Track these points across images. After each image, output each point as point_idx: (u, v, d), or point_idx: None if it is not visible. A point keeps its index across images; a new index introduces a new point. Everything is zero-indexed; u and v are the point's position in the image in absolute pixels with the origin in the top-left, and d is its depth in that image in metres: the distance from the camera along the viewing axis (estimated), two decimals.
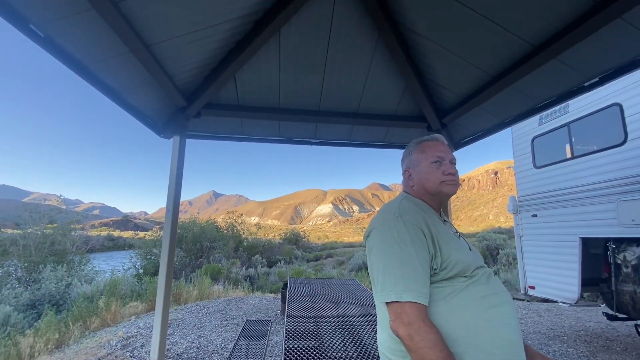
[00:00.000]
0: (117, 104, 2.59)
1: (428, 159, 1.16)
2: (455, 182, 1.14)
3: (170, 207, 2.91)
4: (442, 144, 1.22)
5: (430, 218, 1.06)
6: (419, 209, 1.08)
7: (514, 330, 0.95)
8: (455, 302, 0.94)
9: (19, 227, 11.67)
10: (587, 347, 3.36)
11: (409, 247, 0.95)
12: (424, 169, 1.16)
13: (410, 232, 0.98)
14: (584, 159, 3.29)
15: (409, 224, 1.00)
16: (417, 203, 1.14)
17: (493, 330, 0.91)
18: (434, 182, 1.13)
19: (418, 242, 0.97)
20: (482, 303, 0.94)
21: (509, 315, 0.96)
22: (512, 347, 0.91)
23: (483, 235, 14.94)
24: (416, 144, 1.24)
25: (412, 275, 0.91)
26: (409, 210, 1.05)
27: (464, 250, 1.05)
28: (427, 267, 0.95)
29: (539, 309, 5.03)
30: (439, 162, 1.15)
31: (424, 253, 0.96)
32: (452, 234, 1.11)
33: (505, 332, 0.92)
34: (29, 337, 3.34)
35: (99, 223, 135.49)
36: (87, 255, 12.33)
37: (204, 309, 4.82)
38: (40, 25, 1.73)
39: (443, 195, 1.15)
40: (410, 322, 0.86)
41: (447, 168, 1.14)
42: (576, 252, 3.21)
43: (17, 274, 9.48)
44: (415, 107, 3.25)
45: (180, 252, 13.58)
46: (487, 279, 1.01)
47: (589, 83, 2.07)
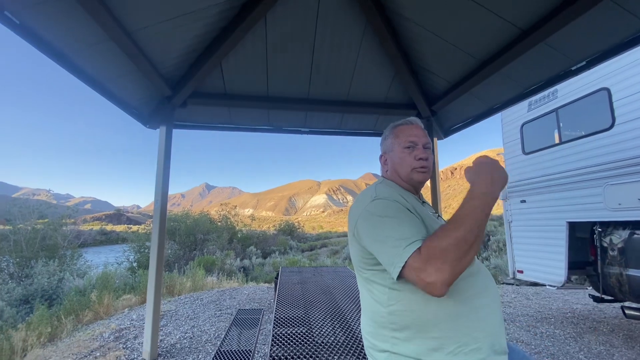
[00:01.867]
0: (100, 93, 2.51)
1: (401, 143, 1.14)
2: (426, 169, 1.12)
3: (158, 198, 2.88)
4: (417, 127, 1.18)
5: (407, 197, 1.05)
6: (394, 191, 1.07)
7: (496, 315, 0.93)
8: None
9: (9, 222, 11.48)
10: (574, 328, 3.45)
11: (397, 213, 0.95)
12: (397, 154, 1.14)
13: (393, 205, 0.97)
14: (571, 144, 3.32)
15: (388, 200, 0.99)
16: (392, 185, 1.13)
17: (474, 314, 0.89)
18: (406, 169, 1.11)
19: (403, 209, 0.96)
20: (464, 286, 0.91)
21: (491, 299, 0.94)
22: (494, 332, 0.90)
23: None
24: (391, 128, 1.22)
25: (408, 230, 0.89)
26: (384, 191, 1.04)
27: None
28: (420, 223, 0.94)
29: (527, 293, 5.14)
30: (411, 146, 1.12)
31: (414, 217, 0.95)
32: (432, 214, 1.11)
33: (487, 317, 0.90)
34: (21, 331, 3.32)
35: (91, 217, 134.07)
36: (79, 249, 12.21)
37: (198, 300, 4.83)
38: (15, 11, 1.65)
39: (414, 183, 1.13)
40: (427, 259, 0.80)
41: (419, 152, 1.11)
42: (563, 236, 3.27)
43: (10, 270, 9.37)
44: (405, 95, 3.22)
45: (174, 245, 13.52)
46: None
47: (576, 67, 2.06)
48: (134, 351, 2.89)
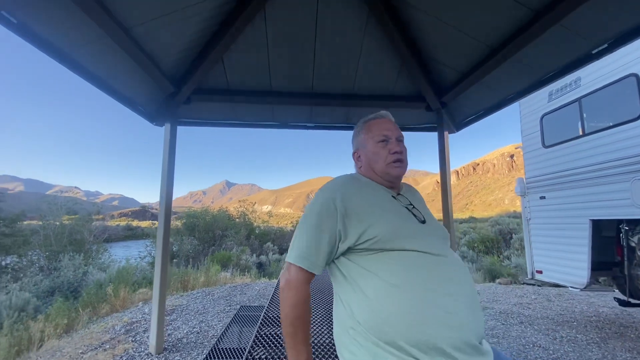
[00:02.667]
0: (104, 91, 2.54)
1: (374, 137, 1.14)
2: (401, 162, 1.11)
3: (163, 194, 2.90)
4: (389, 121, 1.18)
5: (362, 194, 1.05)
6: (348, 189, 1.06)
7: (462, 310, 0.87)
8: (386, 277, 0.91)
9: (43, 218, 12.07)
10: (598, 333, 3.23)
11: (315, 222, 1.01)
12: (370, 149, 1.14)
13: (323, 208, 1.01)
14: (595, 136, 3.07)
15: (325, 199, 1.03)
16: (357, 179, 1.13)
17: (432, 309, 0.85)
18: (381, 164, 1.11)
19: (326, 217, 1.00)
20: (420, 279, 0.90)
21: (456, 292, 0.89)
22: (456, 329, 0.84)
23: (496, 220, 14.60)
24: (363, 123, 1.21)
25: (306, 246, 0.99)
26: (334, 186, 1.07)
27: (398, 217, 1.02)
28: (324, 240, 0.99)
29: (549, 294, 4.88)
30: (385, 140, 1.12)
31: (329, 228, 0.99)
32: (406, 207, 1.08)
33: (448, 312, 0.86)
34: (39, 322, 3.46)
35: (118, 213, 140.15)
36: (104, 244, 12.73)
37: (209, 295, 4.89)
38: (12, 11, 1.67)
39: (390, 177, 1.12)
40: (290, 280, 0.98)
41: (393, 146, 1.11)
42: (586, 235, 3.04)
43: (40, 263, 9.89)
44: (413, 86, 3.09)
45: (194, 241, 13.86)
46: (433, 248, 0.97)
47: (597, 50, 1.88)
48: (142, 344, 2.95)
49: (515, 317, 3.81)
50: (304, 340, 0.98)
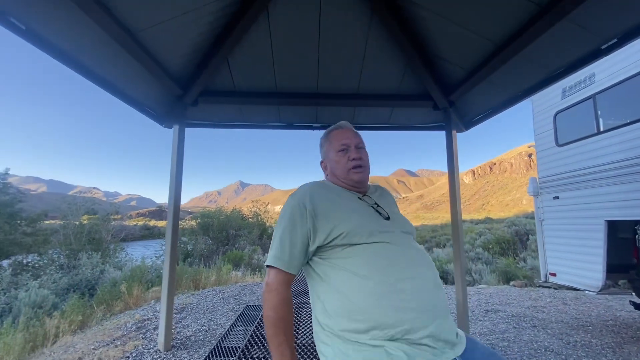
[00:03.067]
0: (115, 95, 2.62)
1: (335, 147, 1.24)
2: (361, 168, 1.20)
3: (172, 195, 2.96)
4: (348, 130, 1.28)
5: (328, 196, 1.13)
6: (315, 192, 1.13)
7: (427, 301, 0.95)
8: (355, 270, 0.99)
9: (64, 218, 12.47)
10: (614, 338, 3.10)
11: (287, 224, 1.07)
12: (332, 158, 1.24)
13: (294, 211, 1.08)
14: (611, 134, 2.95)
15: (295, 202, 1.10)
16: (324, 184, 1.22)
17: (398, 299, 0.92)
18: (342, 170, 1.20)
19: (297, 218, 1.07)
20: (386, 272, 0.97)
21: (419, 285, 0.97)
22: (423, 318, 0.91)
23: (512, 221, 14.25)
24: (325, 135, 1.33)
25: (280, 247, 1.05)
26: (303, 191, 1.14)
27: (364, 216, 1.09)
28: (297, 241, 1.05)
29: (566, 297, 4.72)
30: (344, 149, 1.22)
31: (300, 228, 1.06)
32: (371, 207, 1.15)
33: (413, 302, 0.93)
34: (55, 319, 3.59)
35: (136, 213, 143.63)
36: (121, 243, 13.10)
37: (219, 294, 4.96)
38: (20, 17, 1.75)
39: (353, 182, 1.21)
40: (269, 282, 1.03)
41: (352, 154, 1.20)
42: (601, 236, 2.93)
43: (60, 261, 10.25)
44: (419, 85, 3.05)
45: (208, 240, 14.08)
46: (397, 242, 1.05)
47: (606, 45, 1.82)
48: (152, 341, 3.01)
49: (528, 321, 3.71)
50: (286, 342, 1.01)
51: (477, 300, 4.71)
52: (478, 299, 4.79)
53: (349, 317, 0.94)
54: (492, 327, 3.51)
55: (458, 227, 3.02)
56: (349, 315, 0.94)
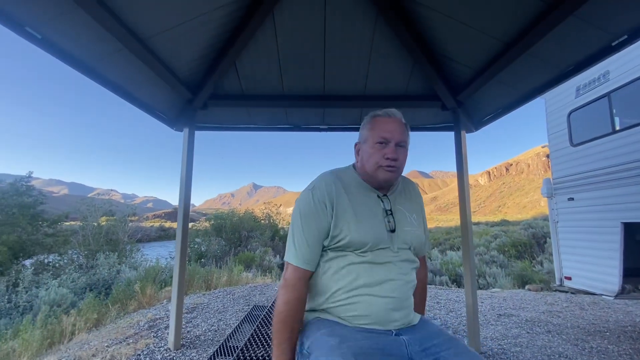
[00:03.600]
0: (126, 100, 2.70)
1: (374, 137, 1.12)
2: (394, 169, 1.10)
3: (182, 197, 3.02)
4: (394, 121, 1.14)
5: (347, 193, 1.12)
6: (335, 186, 1.12)
7: (392, 292, 1.05)
8: (338, 269, 1.07)
9: (83, 219, 12.86)
10: (632, 344, 2.98)
11: (308, 219, 1.08)
12: (368, 148, 1.13)
13: (315, 206, 1.08)
14: (628, 133, 2.85)
15: (316, 197, 1.09)
16: (345, 178, 1.17)
17: (360, 297, 1.03)
18: (372, 166, 1.11)
19: (320, 216, 1.08)
20: (366, 270, 1.05)
21: (384, 285, 1.05)
22: (379, 315, 1.03)
23: (528, 223, 13.89)
24: (370, 117, 1.20)
25: (300, 243, 1.07)
26: (322, 184, 1.12)
27: (370, 227, 1.08)
28: (318, 238, 1.08)
29: (583, 302, 4.56)
30: (383, 142, 1.10)
31: (321, 224, 1.08)
32: (379, 211, 1.12)
33: (373, 304, 1.03)
34: (71, 317, 3.71)
35: (152, 215, 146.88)
36: (138, 244, 13.42)
37: (230, 295, 5.02)
38: (35, 26, 1.83)
39: (379, 180, 1.12)
40: (286, 278, 1.06)
41: (389, 152, 1.08)
42: (617, 239, 2.83)
43: (79, 261, 10.58)
44: (427, 85, 3.03)
45: (221, 241, 14.29)
46: (383, 257, 1.08)
47: (616, 42, 1.76)
48: (162, 340, 3.08)
49: (542, 326, 3.61)
50: (290, 340, 1.02)
51: (489, 304, 4.61)
52: (491, 302, 4.69)
53: (317, 298, 1.11)
54: (505, 332, 3.43)
55: (467, 230, 2.97)
56: (323, 293, 1.10)
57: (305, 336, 1.04)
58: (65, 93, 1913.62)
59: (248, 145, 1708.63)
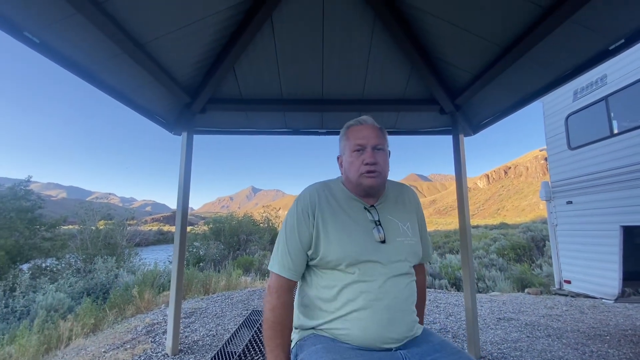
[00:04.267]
0: (125, 104, 2.71)
1: (350, 146, 1.14)
2: (375, 173, 1.09)
3: (180, 201, 3.02)
4: (367, 127, 1.15)
5: (332, 205, 1.12)
6: (319, 197, 1.13)
7: (384, 311, 1.02)
8: (317, 291, 1.09)
9: (81, 223, 12.81)
10: (633, 348, 2.97)
11: (291, 229, 1.10)
12: (347, 157, 1.15)
13: (299, 218, 1.10)
14: (625, 136, 2.86)
15: (300, 209, 1.12)
16: (332, 190, 1.17)
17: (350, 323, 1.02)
18: (354, 174, 1.11)
19: (302, 227, 1.09)
20: (353, 288, 1.03)
21: (379, 300, 1.02)
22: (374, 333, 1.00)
23: (527, 226, 13.91)
24: (345, 129, 1.22)
25: (283, 253, 1.09)
26: (307, 194, 1.14)
27: (352, 240, 1.06)
28: (300, 249, 1.09)
29: (583, 306, 4.55)
30: (359, 149, 1.12)
31: (303, 235, 1.09)
32: (367, 222, 1.11)
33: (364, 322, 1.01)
34: (68, 322, 3.68)
35: (151, 219, 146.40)
36: (136, 248, 13.37)
37: (228, 299, 4.99)
38: (34, 31, 1.83)
39: (364, 187, 1.12)
40: (270, 286, 1.08)
41: (367, 157, 1.09)
42: (616, 242, 2.83)
43: (77, 265, 10.51)
44: (425, 89, 3.04)
45: (220, 245, 14.23)
46: (374, 271, 1.05)
47: (613, 46, 1.77)
48: (160, 345, 3.06)
49: (542, 330, 3.59)
50: (282, 345, 1.02)
51: (489, 308, 4.60)
52: (490, 306, 4.67)
53: (304, 312, 1.14)
54: (504, 336, 3.41)
55: (466, 233, 2.97)
56: (303, 313, 1.13)
57: (301, 350, 1.04)
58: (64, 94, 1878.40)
59: (247, 148, 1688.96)
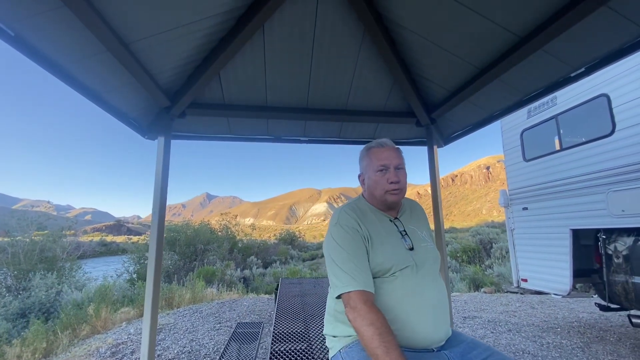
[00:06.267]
0: (98, 105, 2.50)
1: (374, 167, 1.26)
2: (398, 191, 1.22)
3: (156, 209, 2.83)
4: (389, 149, 1.29)
5: (367, 219, 1.21)
6: (356, 214, 1.21)
7: (429, 311, 1.11)
8: (381, 292, 1.12)
9: (8, 234, 11.39)
10: (581, 338, 3.37)
11: (349, 246, 1.11)
12: (371, 176, 1.26)
13: (349, 233, 1.14)
14: (572, 151, 3.30)
15: (346, 227, 1.16)
16: (360, 207, 1.26)
17: (408, 314, 1.08)
18: (380, 191, 1.23)
19: (356, 239, 1.13)
20: (399, 294, 1.10)
21: (423, 301, 1.11)
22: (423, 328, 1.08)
23: (476, 230, 15.06)
24: (366, 150, 1.34)
25: (354, 268, 1.07)
26: (345, 217, 1.20)
27: (392, 249, 1.16)
28: (365, 259, 1.12)
29: (532, 302, 5.06)
30: (383, 170, 1.23)
31: (362, 248, 1.12)
32: (395, 232, 1.22)
33: (417, 314, 1.09)
34: (16, 347, 3.25)
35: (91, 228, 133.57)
36: (79, 261, 12.12)
37: (197, 313, 4.75)
38: (9, 23, 1.65)
39: (389, 203, 1.25)
40: (355, 307, 1.02)
41: (391, 176, 1.22)
42: (567, 243, 3.22)
43: (7, 283, 9.27)
44: (404, 103, 3.22)
45: (174, 256, 13.42)
46: (412, 275, 1.15)
47: (575, 73, 2.06)
48: None
49: (503, 325, 3.92)
50: (399, 357, 0.92)
51: (454, 307, 4.91)
52: (455, 306, 4.99)
53: None
54: (472, 333, 3.67)
55: (441, 237, 3.17)
56: None
57: (349, 357, 1.06)
58: None
59: (201, 152, 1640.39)
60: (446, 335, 1.15)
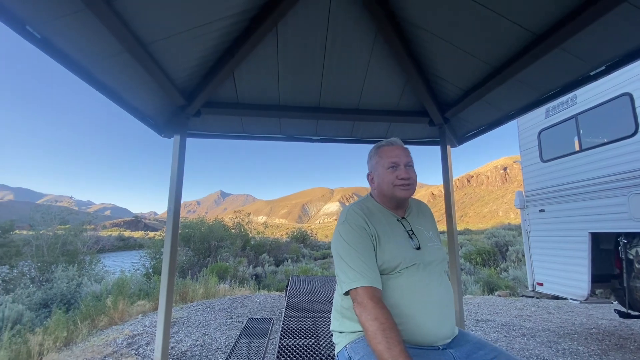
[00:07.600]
0: (117, 104, 2.60)
1: (384, 164, 1.29)
2: (408, 186, 1.25)
3: (171, 206, 2.92)
4: (398, 148, 1.33)
5: (375, 218, 1.23)
6: (364, 213, 1.23)
7: (434, 307, 1.12)
8: (386, 288, 1.14)
9: (33, 228, 11.88)
10: (599, 345, 3.27)
11: (356, 244, 1.13)
12: (381, 173, 1.29)
13: (357, 232, 1.16)
14: (593, 152, 3.19)
15: (354, 225, 1.18)
16: (368, 206, 1.28)
17: (414, 310, 1.10)
18: (389, 186, 1.26)
19: (364, 237, 1.15)
20: (404, 290, 1.12)
21: (429, 298, 1.13)
22: (430, 324, 1.11)
23: (492, 232, 14.73)
24: (376, 149, 1.37)
25: (361, 265, 1.09)
26: (353, 215, 1.22)
27: (398, 248, 1.18)
28: (373, 257, 1.13)
29: (549, 306, 4.92)
30: (394, 167, 1.27)
31: (369, 246, 1.14)
32: (402, 232, 1.23)
33: (423, 309, 1.11)
34: (38, 335, 3.40)
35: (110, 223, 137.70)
36: (98, 255, 12.55)
37: (210, 307, 4.84)
38: (36, 26, 1.73)
39: (398, 199, 1.26)
40: (362, 302, 1.03)
41: (401, 173, 1.25)
42: (585, 247, 3.12)
43: (31, 274, 9.69)
44: (417, 102, 3.19)
45: (189, 252, 13.70)
46: (418, 273, 1.16)
47: (594, 72, 1.99)
48: (146, 358, 2.91)
49: (517, 330, 3.84)
50: (404, 353, 0.92)
51: (466, 310, 4.83)
52: (467, 309, 4.91)
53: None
54: (484, 337, 3.61)
55: (454, 239, 3.13)
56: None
57: (355, 352, 1.07)
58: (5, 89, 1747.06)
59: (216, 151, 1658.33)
60: (452, 333, 1.16)
